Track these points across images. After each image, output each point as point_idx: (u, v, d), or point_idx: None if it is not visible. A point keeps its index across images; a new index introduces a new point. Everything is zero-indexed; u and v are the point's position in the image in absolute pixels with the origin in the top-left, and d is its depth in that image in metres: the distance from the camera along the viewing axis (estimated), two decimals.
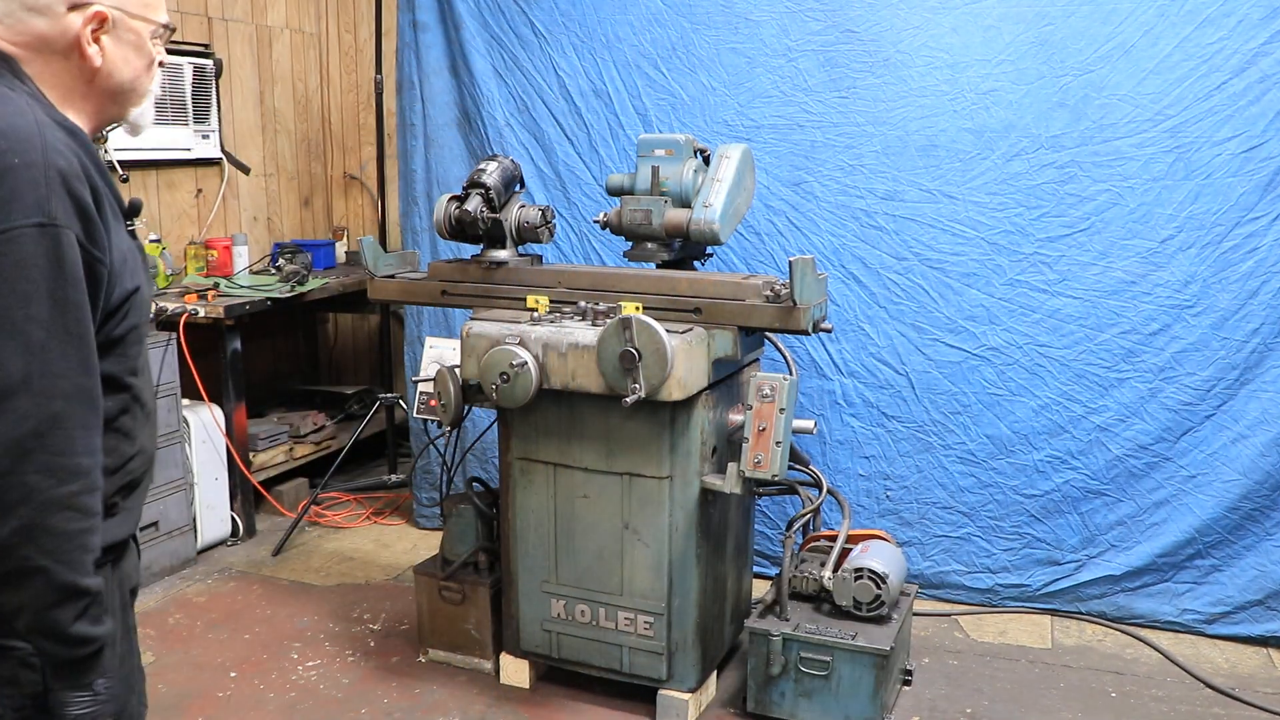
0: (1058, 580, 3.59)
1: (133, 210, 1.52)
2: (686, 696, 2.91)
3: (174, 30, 1.55)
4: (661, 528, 2.81)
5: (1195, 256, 3.35)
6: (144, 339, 1.52)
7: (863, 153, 3.63)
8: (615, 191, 3.08)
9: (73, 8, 1.40)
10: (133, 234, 1.51)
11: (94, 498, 1.34)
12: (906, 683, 3.17)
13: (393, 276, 3.21)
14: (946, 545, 3.69)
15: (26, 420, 1.26)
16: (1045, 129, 3.44)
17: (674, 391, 2.63)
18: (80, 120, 1.45)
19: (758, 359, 3.16)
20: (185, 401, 4.01)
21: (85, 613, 1.32)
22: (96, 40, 1.43)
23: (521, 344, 2.75)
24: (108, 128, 1.53)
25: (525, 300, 2.95)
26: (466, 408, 3.01)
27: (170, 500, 3.92)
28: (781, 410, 2.64)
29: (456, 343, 3.77)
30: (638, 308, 2.77)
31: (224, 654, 3.36)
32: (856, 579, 2.89)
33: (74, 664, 1.33)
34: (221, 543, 4.25)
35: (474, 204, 2.97)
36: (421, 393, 3.92)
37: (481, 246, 3.11)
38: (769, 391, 2.66)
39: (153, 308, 1.67)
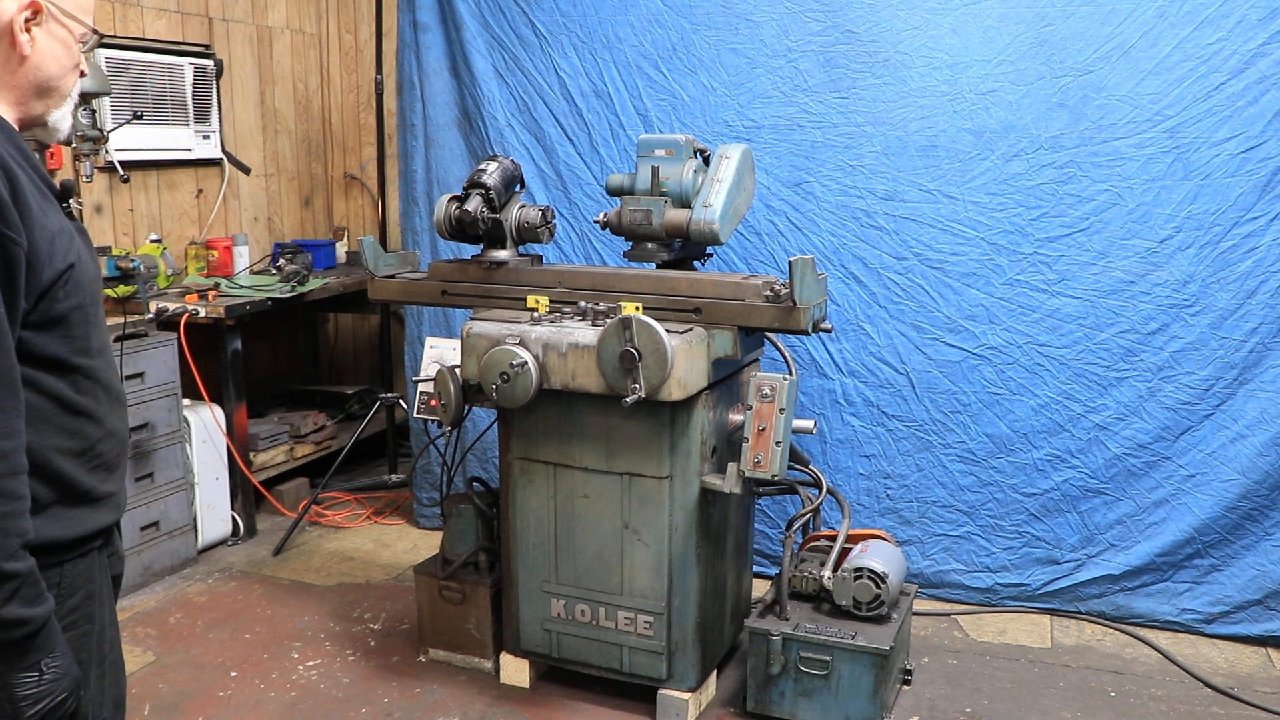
0: (1057, 580, 3.60)
1: (65, 192, 1.54)
2: (686, 696, 2.92)
3: (102, 38, 1.57)
4: (661, 527, 2.81)
5: (1194, 256, 3.36)
6: (94, 319, 1.51)
7: (863, 153, 3.63)
8: (615, 192, 3.09)
9: None
10: (69, 214, 1.52)
11: (16, 481, 1.33)
12: (906, 682, 3.17)
13: (393, 276, 3.21)
14: (946, 544, 3.69)
15: None
16: (1045, 129, 3.45)
17: (674, 391, 2.63)
18: (2, 109, 1.46)
19: (758, 359, 3.17)
20: (186, 401, 4.01)
21: (16, 595, 1.32)
22: (29, 29, 1.44)
23: (521, 344, 2.76)
24: (24, 131, 1.54)
25: (525, 300, 2.95)
26: (466, 408, 3.01)
27: (171, 500, 3.93)
28: (781, 410, 2.65)
29: (456, 343, 3.78)
30: (638, 308, 2.78)
31: (224, 653, 3.36)
32: (856, 579, 2.89)
33: (12, 646, 1.34)
34: (222, 542, 4.25)
35: (474, 204, 2.98)
36: (422, 393, 3.92)
37: (481, 246, 3.12)
38: (769, 391, 2.67)
39: (104, 290, 1.69)
